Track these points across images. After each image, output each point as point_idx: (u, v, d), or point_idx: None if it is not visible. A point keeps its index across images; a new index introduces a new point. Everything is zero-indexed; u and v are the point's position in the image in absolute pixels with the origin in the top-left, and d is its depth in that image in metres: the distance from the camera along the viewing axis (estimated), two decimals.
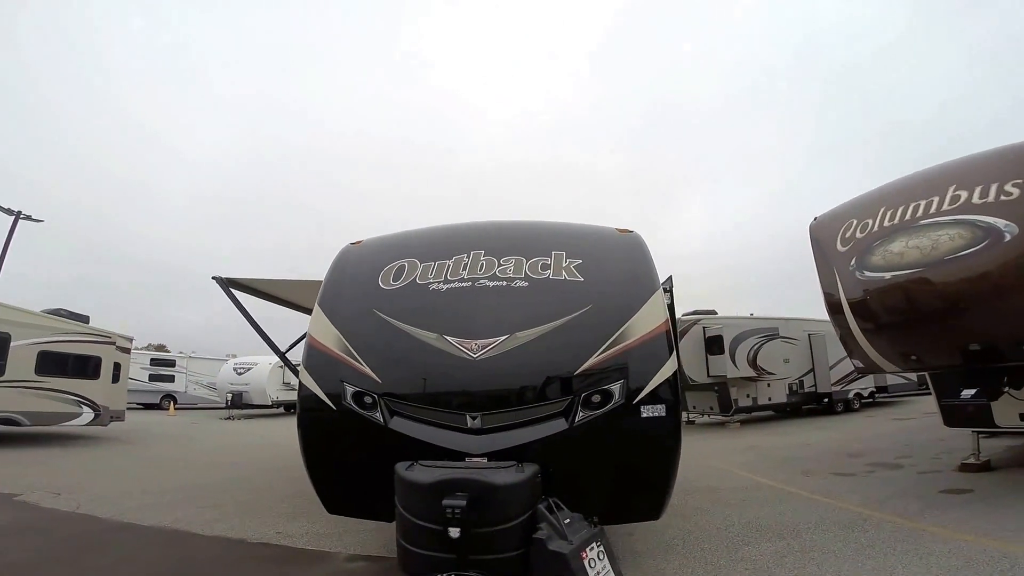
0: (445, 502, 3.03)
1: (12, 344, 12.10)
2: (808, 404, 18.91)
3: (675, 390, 4.03)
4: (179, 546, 5.19)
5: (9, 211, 20.60)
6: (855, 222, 6.78)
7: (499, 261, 4.56)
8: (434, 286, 4.47)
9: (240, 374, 26.86)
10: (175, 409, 29.45)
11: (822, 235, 7.39)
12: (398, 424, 4.01)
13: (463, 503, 3.00)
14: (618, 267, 4.65)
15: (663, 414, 3.92)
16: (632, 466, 4.04)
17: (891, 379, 20.39)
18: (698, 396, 18.42)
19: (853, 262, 6.73)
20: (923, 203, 5.92)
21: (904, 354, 6.51)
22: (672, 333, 4.30)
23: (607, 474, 4.03)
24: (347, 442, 4.20)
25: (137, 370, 28.74)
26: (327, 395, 4.25)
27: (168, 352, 38.02)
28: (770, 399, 17.79)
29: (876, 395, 20.68)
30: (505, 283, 4.41)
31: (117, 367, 15.37)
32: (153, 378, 30.46)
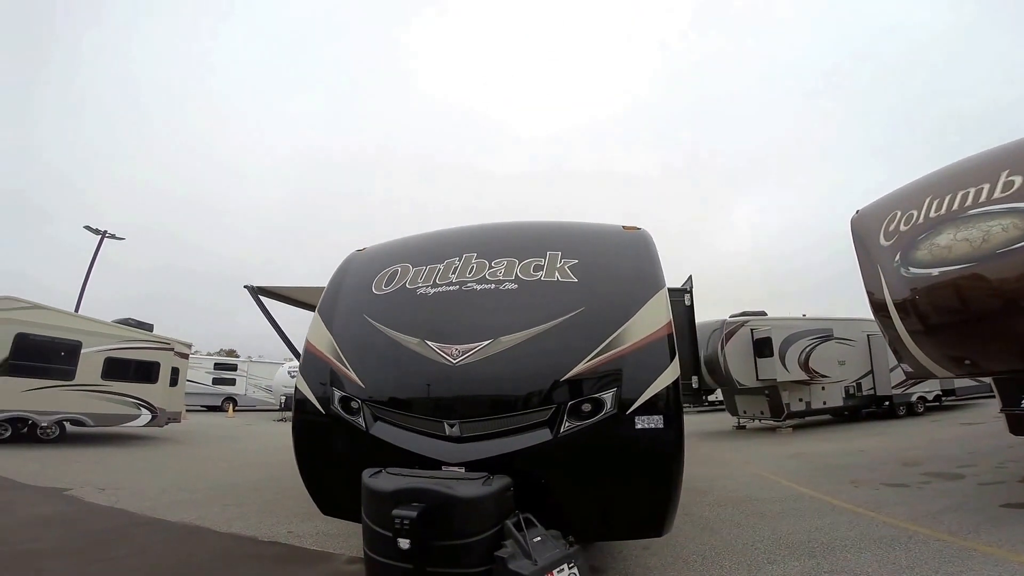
0: (394, 512, 2.90)
1: (82, 351, 13.00)
2: (867, 408, 17.62)
3: (676, 399, 3.67)
4: (192, 542, 5.31)
5: (96, 230, 22.34)
6: (899, 214, 6.14)
7: (490, 263, 4.38)
8: (422, 290, 4.38)
9: (294, 377, 27.77)
10: (234, 411, 30.84)
11: (864, 229, 6.76)
12: (379, 430, 3.91)
13: (412, 514, 2.86)
14: (617, 267, 4.34)
15: (660, 425, 3.57)
16: (626, 480, 3.69)
17: (959, 381, 18.64)
18: (748, 400, 17.53)
19: (897, 258, 6.09)
20: (972, 191, 5.26)
21: (956, 358, 5.81)
22: (675, 337, 3.95)
23: (598, 488, 3.70)
24: (334, 446, 4.15)
25: (201, 374, 30.42)
26: (318, 399, 4.25)
27: (237, 357, 39.82)
28: (825, 403, 16.67)
29: (943, 398, 18.95)
30: (493, 286, 4.21)
31: (175, 371, 16.16)
32: (216, 381, 31.98)
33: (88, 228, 22.19)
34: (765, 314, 17.92)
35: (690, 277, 5.79)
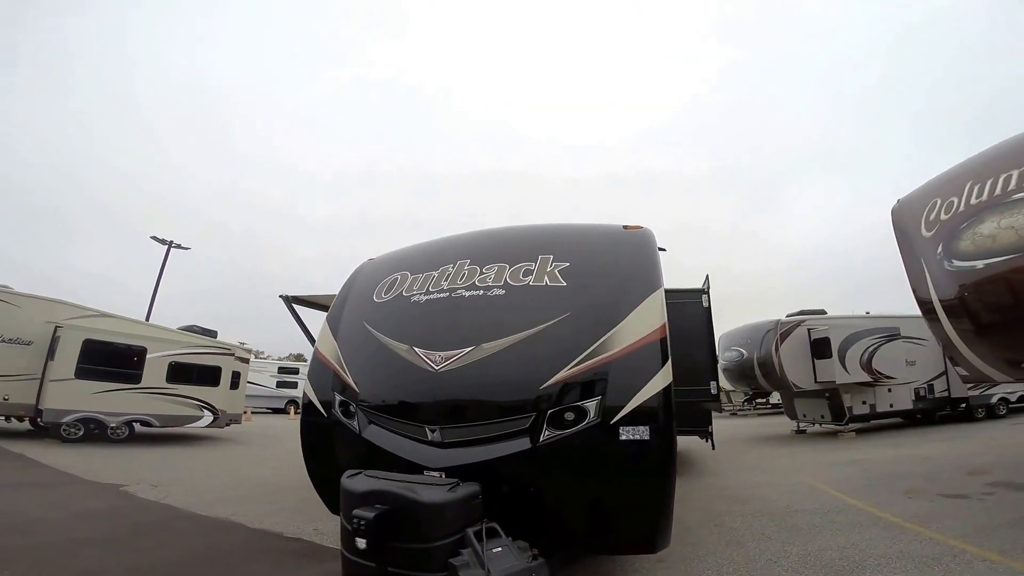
0: (353, 512, 2.99)
1: (148, 356, 14.05)
2: (941, 410, 16.24)
3: (666, 407, 3.53)
4: (222, 535, 5.62)
5: (162, 241, 24.09)
6: (939, 202, 5.64)
7: (481, 269, 4.39)
8: (415, 298, 4.47)
9: None
10: (296, 414, 32.35)
11: (905, 220, 6.25)
12: (370, 433, 4.01)
13: (369, 515, 2.93)
14: (610, 269, 4.24)
15: (646, 436, 3.43)
16: (610, 494, 3.57)
17: None
18: (807, 404, 16.62)
19: (940, 250, 5.58)
20: (1016, 173, 4.74)
21: (1013, 361, 5.25)
22: (668, 340, 3.79)
23: (580, 501, 3.60)
24: (335, 448, 4.29)
25: (266, 378, 32.15)
26: (321, 404, 4.46)
27: (304, 362, 41.79)
28: (892, 406, 15.52)
29: None
30: (482, 292, 4.22)
31: (236, 375, 17.16)
32: (280, 385, 33.67)
33: (155, 239, 23.87)
34: (824, 313, 16.94)
35: (707, 277, 5.54)
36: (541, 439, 3.51)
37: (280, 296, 8.29)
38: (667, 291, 5.51)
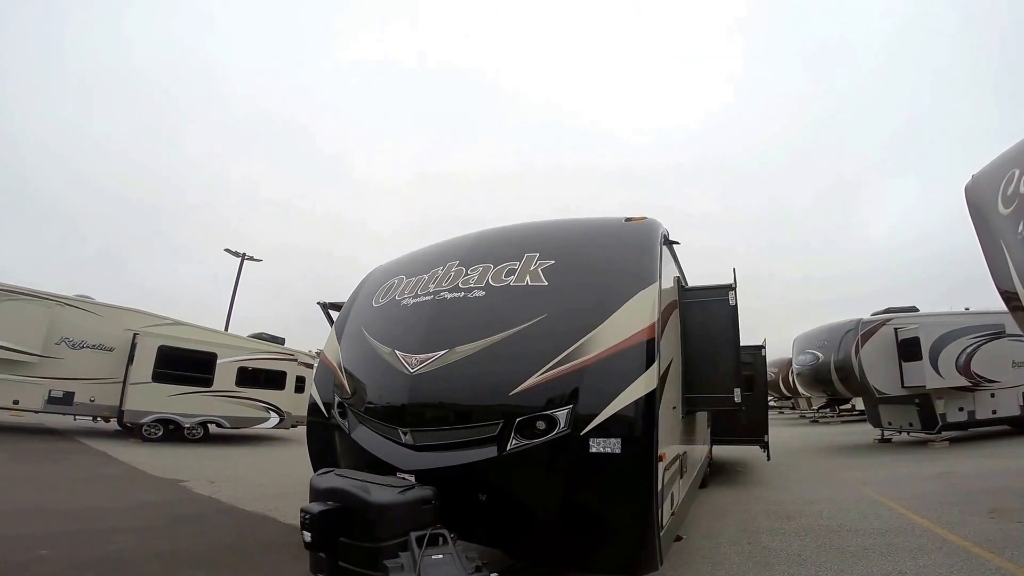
0: (301, 507, 3.10)
1: (218, 362, 15.16)
2: None
3: (645, 417, 3.29)
4: (253, 528, 5.98)
5: (235, 253, 25.92)
6: (1016, 173, 4.92)
7: (467, 271, 4.34)
8: (404, 301, 4.51)
9: None
10: None
11: (980, 197, 5.52)
12: (358, 434, 4.10)
13: (313, 511, 3.03)
14: (598, 266, 4.04)
15: (617, 450, 3.21)
16: (579, 510, 3.37)
17: None
18: (893, 411, 15.18)
19: (1021, 228, 4.86)
20: None
21: None
22: (657, 340, 3.56)
23: (548, 515, 3.42)
24: (332, 446, 4.44)
25: None
26: (323, 405, 4.65)
27: None
28: (995, 412, 13.89)
29: None
30: (463, 294, 4.17)
31: (300, 380, 18.13)
32: None
33: (228, 251, 25.64)
34: (916, 310, 15.39)
35: (734, 271, 5.13)
36: (508, 448, 3.39)
37: (318, 303, 8.64)
38: (689, 289, 5.27)
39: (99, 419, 14.28)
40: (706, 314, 5.00)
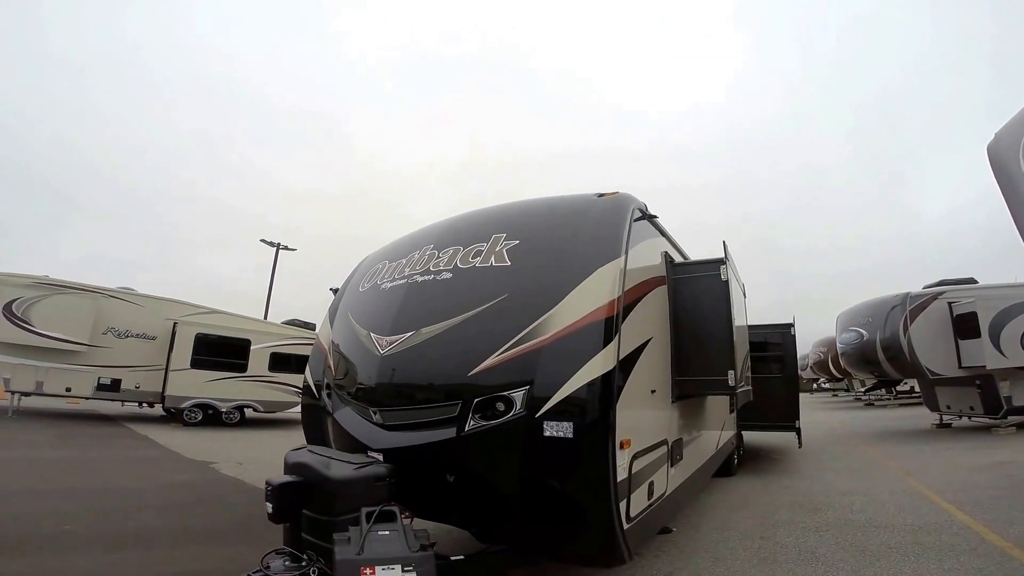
0: (266, 479, 3.25)
1: (252, 348, 15.71)
2: None
3: (601, 399, 3.15)
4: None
5: (271, 243, 26.74)
6: None
7: (439, 254, 4.33)
8: (383, 285, 4.57)
9: None
10: None
11: (1002, 156, 4.93)
12: (339, 414, 4.20)
13: (274, 482, 3.17)
14: (559, 244, 3.89)
15: (569, 434, 3.09)
16: (537, 495, 3.27)
17: None
18: (952, 394, 14.15)
19: None
20: None
21: None
22: (618, 317, 3.38)
23: (507, 498, 3.35)
24: (321, 425, 4.54)
25: None
26: (315, 386, 4.80)
27: None
28: None
29: None
30: (432, 277, 4.17)
31: None
32: None
33: (264, 241, 26.49)
34: (974, 282, 14.26)
35: (724, 245, 4.75)
36: (467, 428, 3.36)
37: (330, 288, 8.75)
38: (679, 265, 4.96)
39: (144, 405, 15.09)
40: (696, 291, 4.68)
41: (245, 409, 15.54)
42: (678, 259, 5.09)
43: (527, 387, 3.24)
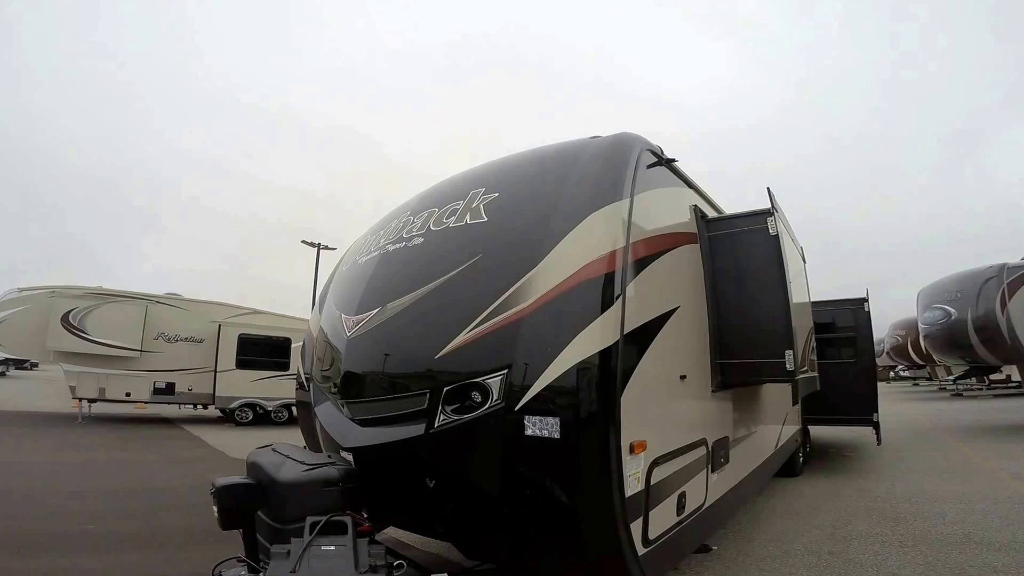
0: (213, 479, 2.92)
1: (292, 345, 15.66)
2: None
3: (600, 387, 2.45)
4: None
5: (312, 244, 27.05)
6: None
7: (413, 219, 3.76)
8: (360, 260, 4.11)
9: None
10: None
11: None
12: (320, 408, 3.78)
13: (216, 483, 2.81)
14: (544, 191, 3.19)
15: (554, 434, 2.42)
16: (523, 510, 2.62)
17: None
18: None
19: None
20: None
21: None
22: (624, 272, 2.67)
23: (487, 511, 2.75)
24: (309, 420, 4.19)
25: None
26: (305, 377, 4.41)
27: None
28: None
29: None
30: (404, 244, 3.60)
31: None
32: None
33: (304, 242, 26.82)
34: None
35: (769, 191, 3.91)
36: (436, 424, 2.75)
37: None
38: (716, 220, 4.13)
39: (200, 406, 15.48)
40: (739, 250, 3.83)
41: (292, 407, 15.68)
42: (702, 212, 4.18)
43: (505, 371, 2.59)
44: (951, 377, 26.62)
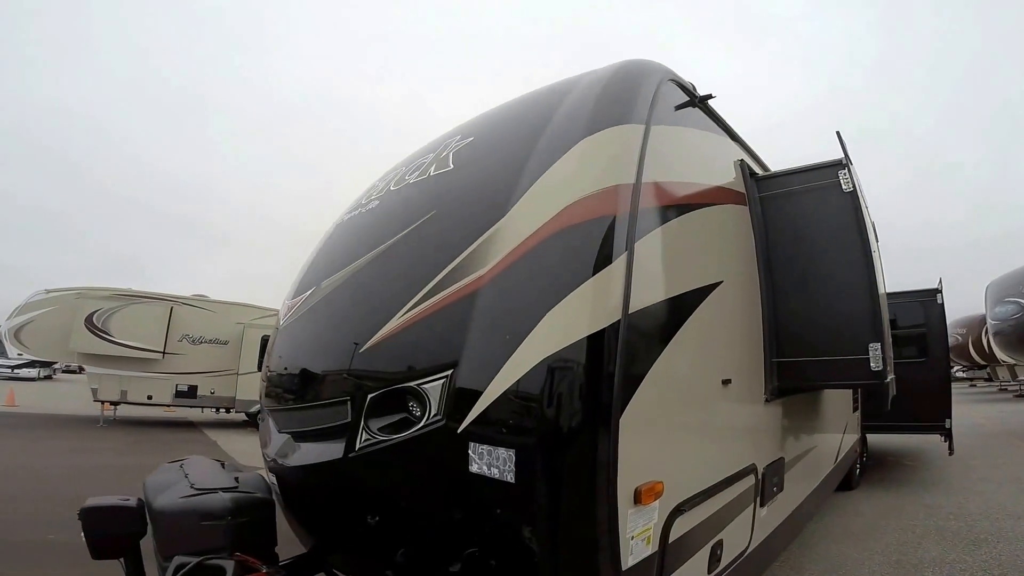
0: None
1: None
2: None
3: (585, 397, 1.62)
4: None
5: None
6: None
7: (380, 182, 3.11)
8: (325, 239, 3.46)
9: None
10: None
11: None
12: (263, 417, 3.13)
13: (85, 506, 2.27)
14: (527, 127, 2.39)
15: (507, 476, 1.63)
16: (472, 554, 1.81)
17: None
18: None
19: None
20: None
21: None
22: (633, 222, 1.84)
23: (416, 556, 1.99)
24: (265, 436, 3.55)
25: None
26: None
27: None
28: None
29: None
30: (358, 211, 2.93)
31: None
32: None
33: None
34: None
35: (839, 136, 3.06)
36: (357, 445, 2.01)
37: None
38: (769, 177, 3.25)
39: (222, 410, 15.24)
40: (801, 214, 2.95)
41: None
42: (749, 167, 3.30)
43: (449, 372, 1.82)
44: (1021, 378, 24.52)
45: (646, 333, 1.86)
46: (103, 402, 13.38)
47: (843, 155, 2.96)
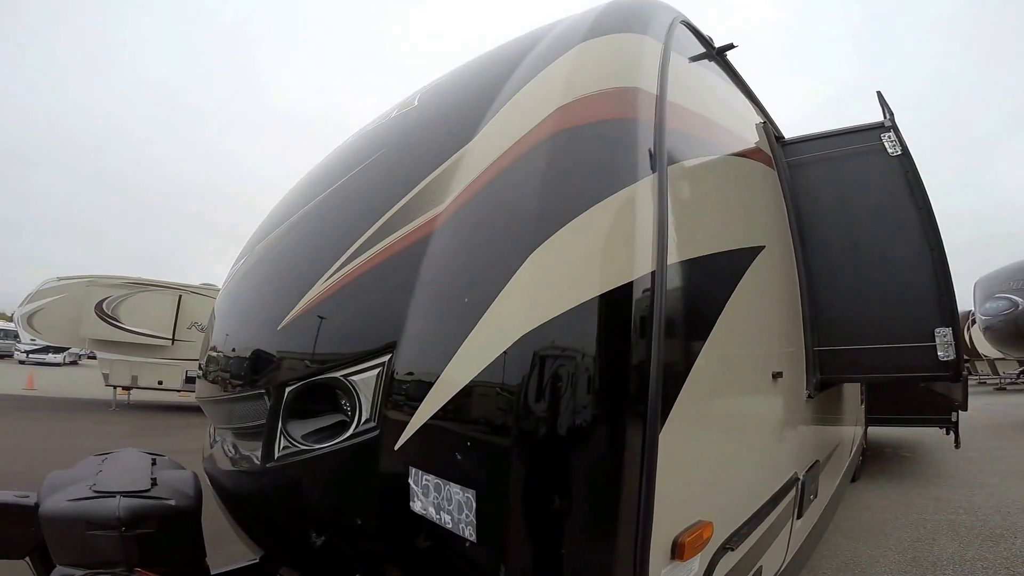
0: None
1: None
2: None
3: (606, 395, 0.92)
4: None
5: None
6: None
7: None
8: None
9: None
10: None
11: None
12: None
13: None
14: (506, 56, 1.81)
15: (468, 531, 0.96)
16: None
17: None
18: None
19: None
20: None
21: None
22: (661, 134, 1.20)
23: None
24: None
25: None
26: None
27: None
28: None
29: None
30: (316, 166, 2.46)
31: None
32: None
33: None
34: None
35: (880, 95, 2.48)
36: (276, 453, 1.43)
37: None
38: (798, 141, 2.66)
39: None
40: (837, 181, 2.39)
41: None
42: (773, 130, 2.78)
43: (386, 357, 1.23)
44: (1018, 373, 23.88)
45: (692, 298, 1.21)
46: (115, 387, 12.94)
47: (884, 116, 2.38)
